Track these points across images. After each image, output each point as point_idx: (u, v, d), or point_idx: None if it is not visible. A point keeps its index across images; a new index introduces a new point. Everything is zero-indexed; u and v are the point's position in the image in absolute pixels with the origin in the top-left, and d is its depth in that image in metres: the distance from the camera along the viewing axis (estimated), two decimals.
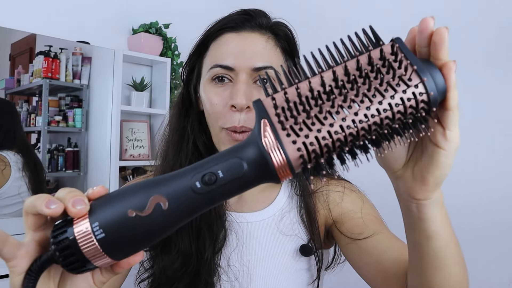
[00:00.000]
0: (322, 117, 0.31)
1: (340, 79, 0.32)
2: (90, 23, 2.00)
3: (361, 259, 0.63)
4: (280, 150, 0.31)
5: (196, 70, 0.69)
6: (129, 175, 2.12)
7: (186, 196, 0.32)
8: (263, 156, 0.31)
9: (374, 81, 0.31)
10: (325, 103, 0.31)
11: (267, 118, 0.32)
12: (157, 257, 0.65)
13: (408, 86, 0.31)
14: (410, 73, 0.31)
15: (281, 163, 0.31)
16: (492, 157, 1.52)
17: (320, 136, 0.30)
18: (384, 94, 0.31)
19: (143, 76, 2.19)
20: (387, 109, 0.31)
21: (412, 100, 0.31)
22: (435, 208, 0.39)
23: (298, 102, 0.31)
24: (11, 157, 1.73)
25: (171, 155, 0.68)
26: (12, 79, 1.81)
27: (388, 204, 1.68)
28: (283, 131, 0.31)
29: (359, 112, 0.31)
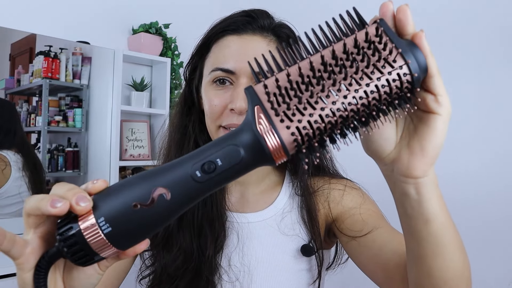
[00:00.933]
0: (314, 102, 0.32)
1: (328, 63, 0.32)
2: (90, 23, 2.00)
3: (361, 254, 0.63)
4: (275, 135, 0.32)
5: (198, 70, 0.69)
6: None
7: (188, 185, 0.33)
8: (258, 141, 0.32)
9: (361, 64, 0.32)
10: (315, 87, 0.32)
11: (260, 105, 0.32)
12: (159, 255, 0.66)
13: (393, 68, 0.32)
14: (395, 55, 0.32)
15: (276, 147, 0.32)
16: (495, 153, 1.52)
17: (313, 120, 0.31)
18: (371, 76, 0.32)
19: (143, 76, 2.19)
20: (374, 91, 0.32)
21: (397, 81, 0.32)
22: (432, 187, 0.39)
23: (289, 87, 0.32)
24: (11, 157, 1.73)
25: (173, 153, 0.69)
26: (12, 79, 1.81)
27: (391, 201, 1.67)
28: (276, 117, 0.32)
29: (348, 96, 0.32)
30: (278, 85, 0.32)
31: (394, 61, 0.32)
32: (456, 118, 1.57)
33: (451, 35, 1.62)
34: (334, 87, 0.32)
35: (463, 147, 1.58)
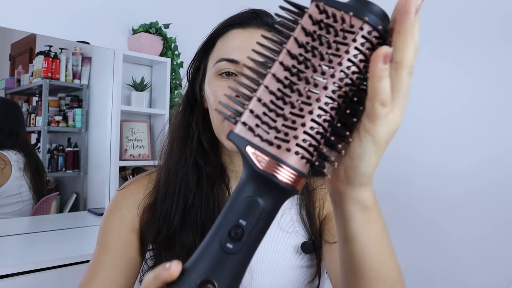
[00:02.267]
0: (298, 110, 0.29)
1: (291, 65, 0.30)
2: (90, 23, 2.00)
3: (326, 258, 0.65)
4: (281, 166, 0.29)
5: (202, 68, 0.70)
6: (129, 175, 2.12)
7: (227, 262, 0.31)
8: (269, 180, 0.30)
9: (322, 48, 0.30)
10: (292, 96, 0.30)
11: (249, 144, 0.30)
12: (160, 254, 0.66)
13: (354, 33, 0.29)
14: (349, 20, 0.30)
15: (290, 176, 0.29)
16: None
17: (308, 128, 0.29)
18: (338, 53, 0.30)
19: (143, 76, 2.19)
20: (350, 66, 0.29)
21: (366, 43, 0.30)
22: (356, 208, 0.35)
23: (267, 111, 0.30)
24: (12, 156, 1.73)
25: (176, 151, 0.69)
26: (12, 79, 1.81)
27: (388, 204, 1.66)
28: (272, 147, 0.30)
29: (328, 85, 0.29)
30: (255, 115, 0.30)
31: (352, 26, 0.29)
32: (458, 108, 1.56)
33: (450, 23, 1.62)
34: (310, 84, 0.30)
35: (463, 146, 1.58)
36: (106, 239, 0.68)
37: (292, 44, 0.31)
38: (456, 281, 1.55)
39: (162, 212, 0.67)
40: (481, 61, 1.55)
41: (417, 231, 1.66)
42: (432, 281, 1.60)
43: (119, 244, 0.68)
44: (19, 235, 1.68)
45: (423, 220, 1.65)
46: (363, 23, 0.29)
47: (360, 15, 0.29)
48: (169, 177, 0.68)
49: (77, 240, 1.72)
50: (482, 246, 1.50)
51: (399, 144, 1.73)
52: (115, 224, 0.69)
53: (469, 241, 1.53)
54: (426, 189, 1.65)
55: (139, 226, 0.69)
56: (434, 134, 1.65)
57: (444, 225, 1.60)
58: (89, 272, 0.66)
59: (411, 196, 1.69)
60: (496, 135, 1.51)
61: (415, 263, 1.65)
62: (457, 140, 1.59)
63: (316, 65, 0.30)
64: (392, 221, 1.54)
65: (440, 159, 1.62)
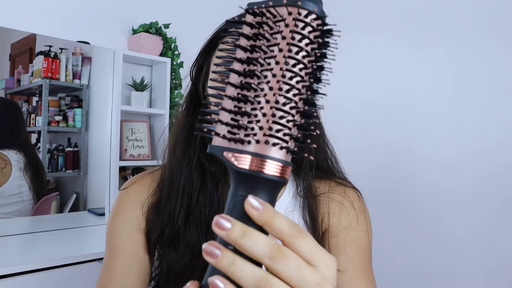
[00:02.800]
0: (257, 104, 0.31)
1: (242, 69, 0.32)
2: (90, 23, 2.00)
3: None
4: (262, 159, 0.30)
5: (205, 68, 0.70)
6: (129, 175, 2.12)
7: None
8: (254, 176, 0.31)
9: (263, 43, 0.32)
10: (248, 95, 0.32)
11: (225, 149, 0.32)
12: (165, 254, 0.66)
13: (285, 19, 0.31)
14: (286, 12, 0.31)
15: (276, 168, 0.31)
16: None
17: (270, 116, 0.31)
18: (277, 42, 0.31)
19: (143, 76, 2.19)
20: (292, 49, 0.31)
21: (300, 23, 0.31)
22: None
23: (233, 115, 0.32)
24: (12, 156, 1.73)
25: (179, 151, 0.69)
26: (12, 79, 1.81)
27: (386, 209, 1.66)
28: (244, 145, 0.31)
29: (275, 72, 0.31)
30: (224, 123, 0.32)
31: (290, 13, 0.31)
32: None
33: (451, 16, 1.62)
34: (260, 78, 0.31)
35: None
36: (115, 242, 0.68)
37: (238, 51, 0.33)
38: (456, 280, 1.55)
39: (166, 211, 0.66)
40: (480, 54, 1.55)
41: (417, 230, 1.66)
42: (432, 280, 1.60)
43: (129, 245, 0.67)
44: (19, 235, 1.68)
45: (423, 219, 1.65)
46: (298, 9, 0.31)
47: (292, 3, 0.31)
48: (173, 176, 0.68)
49: (77, 240, 1.72)
50: (482, 246, 1.50)
51: (397, 138, 1.73)
52: (122, 226, 0.69)
53: (470, 241, 1.53)
54: (426, 186, 1.65)
55: (144, 225, 0.69)
56: (432, 127, 1.66)
57: (444, 224, 1.60)
58: (104, 277, 0.66)
59: (411, 194, 1.69)
60: (495, 128, 1.51)
61: (414, 261, 1.65)
62: (456, 132, 1.59)
63: (261, 60, 0.32)
64: (391, 218, 1.54)
65: (439, 152, 1.62)
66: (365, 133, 1.86)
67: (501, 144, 1.48)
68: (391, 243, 1.65)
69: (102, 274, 0.67)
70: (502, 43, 1.49)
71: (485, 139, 1.52)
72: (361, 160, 1.78)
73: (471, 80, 1.57)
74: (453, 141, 1.60)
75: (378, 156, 1.79)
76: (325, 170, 0.74)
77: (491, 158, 1.50)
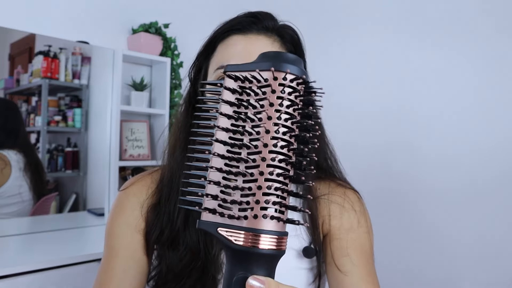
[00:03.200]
0: (249, 176, 0.30)
1: (227, 138, 0.31)
2: (89, 23, 2.00)
3: (329, 279, 0.66)
4: (257, 235, 0.29)
5: (203, 70, 0.70)
6: (128, 175, 2.12)
7: None
8: (252, 253, 0.30)
9: (249, 111, 0.31)
10: (239, 166, 0.30)
11: (219, 226, 0.30)
12: (164, 254, 0.66)
13: (270, 85, 0.30)
14: (271, 77, 0.30)
15: (270, 241, 0.30)
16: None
17: (265, 188, 0.29)
18: (265, 109, 0.30)
19: (143, 76, 2.19)
20: (279, 116, 0.30)
21: (285, 88, 0.30)
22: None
23: (224, 188, 0.31)
24: (12, 156, 1.73)
25: (178, 152, 0.69)
26: (11, 79, 1.80)
27: (386, 211, 1.66)
28: (240, 221, 0.30)
29: (266, 141, 0.30)
30: (213, 196, 0.31)
31: (266, 80, 0.30)
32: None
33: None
34: (251, 148, 0.30)
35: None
36: (114, 243, 0.68)
37: (222, 119, 0.32)
38: (456, 280, 1.54)
39: (166, 212, 0.66)
40: (482, 52, 1.54)
41: (418, 229, 1.66)
42: (431, 280, 1.60)
43: (127, 246, 0.67)
44: (18, 235, 1.68)
45: (423, 219, 1.65)
46: (284, 74, 0.30)
47: (281, 68, 0.30)
48: (172, 177, 0.68)
49: (77, 240, 1.72)
50: (483, 246, 1.50)
51: (398, 138, 1.73)
52: (121, 226, 0.69)
53: (471, 241, 1.53)
54: (427, 184, 1.65)
55: (143, 226, 0.69)
56: (434, 125, 1.65)
57: (444, 223, 1.60)
58: (101, 277, 0.66)
59: (411, 194, 1.69)
60: (497, 128, 1.51)
61: (414, 262, 1.65)
62: (458, 131, 1.59)
63: (249, 129, 0.30)
64: (390, 218, 1.53)
65: (440, 151, 1.62)
66: (365, 132, 1.86)
67: (505, 143, 1.47)
68: (391, 244, 1.65)
69: (99, 275, 0.67)
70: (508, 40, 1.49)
71: (488, 139, 1.52)
72: (360, 160, 1.78)
73: (474, 79, 1.57)
74: (455, 141, 1.60)
75: (377, 156, 1.79)
76: (325, 170, 0.74)
77: (495, 158, 1.50)
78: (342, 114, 1.90)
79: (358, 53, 1.92)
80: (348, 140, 1.74)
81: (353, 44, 1.94)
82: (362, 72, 1.91)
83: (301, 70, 0.31)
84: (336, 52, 2.01)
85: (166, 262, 0.65)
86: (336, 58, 2.00)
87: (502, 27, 1.50)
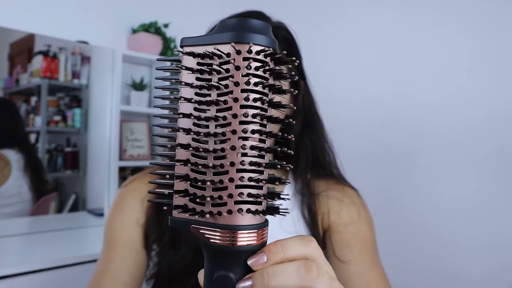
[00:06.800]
0: (220, 168, 0.27)
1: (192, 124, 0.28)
2: (89, 23, 1.99)
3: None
4: (234, 231, 0.27)
5: None
6: (128, 176, 2.12)
7: None
8: (231, 251, 0.27)
9: (213, 92, 0.27)
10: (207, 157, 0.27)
11: (192, 223, 0.28)
12: (165, 254, 0.65)
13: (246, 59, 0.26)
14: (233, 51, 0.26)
15: (249, 237, 0.27)
16: None
17: (238, 180, 0.27)
18: (230, 89, 0.26)
19: (143, 76, 2.18)
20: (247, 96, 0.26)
21: (252, 63, 0.26)
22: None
23: (193, 182, 0.28)
24: (12, 156, 1.73)
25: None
26: (10, 78, 1.80)
27: (386, 210, 1.65)
28: (214, 217, 0.27)
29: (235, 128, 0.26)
30: (183, 192, 0.28)
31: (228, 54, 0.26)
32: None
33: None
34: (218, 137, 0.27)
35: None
36: (113, 236, 0.68)
37: (183, 104, 0.28)
38: (456, 281, 1.54)
39: (165, 213, 0.66)
40: (478, 29, 1.53)
41: (418, 230, 1.66)
42: (431, 281, 1.60)
43: (126, 237, 0.67)
44: (18, 236, 1.67)
45: (422, 220, 1.65)
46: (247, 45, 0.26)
47: (239, 40, 0.26)
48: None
49: (76, 240, 1.71)
50: (483, 246, 1.50)
51: (399, 137, 1.73)
52: (121, 219, 0.69)
53: (471, 241, 1.53)
54: (428, 186, 1.65)
55: (144, 220, 0.69)
56: (436, 126, 1.65)
57: (444, 223, 1.60)
58: (99, 267, 0.66)
59: (410, 195, 1.69)
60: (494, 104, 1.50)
61: (413, 262, 1.64)
62: (459, 132, 1.58)
63: (215, 114, 0.27)
64: (390, 221, 1.51)
65: (441, 151, 1.62)
66: (365, 131, 1.86)
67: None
68: (391, 242, 1.65)
69: (98, 265, 0.67)
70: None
71: (493, 138, 1.52)
72: (359, 158, 1.78)
73: (470, 55, 1.57)
74: (457, 140, 1.60)
75: (376, 155, 1.79)
76: (323, 166, 0.74)
77: (497, 157, 1.50)
78: (340, 112, 1.90)
79: (356, 47, 1.92)
80: (347, 139, 1.74)
81: (350, 39, 1.94)
82: (361, 69, 1.90)
83: (269, 39, 0.27)
84: (335, 47, 2.00)
85: (168, 261, 0.65)
86: (334, 50, 2.00)
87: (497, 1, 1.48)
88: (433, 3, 1.65)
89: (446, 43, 1.62)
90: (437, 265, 1.60)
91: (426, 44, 1.68)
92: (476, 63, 1.55)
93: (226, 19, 0.28)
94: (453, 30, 1.60)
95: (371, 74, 1.86)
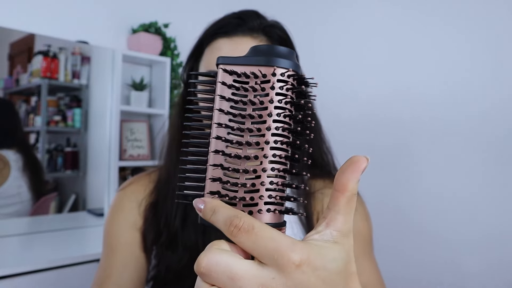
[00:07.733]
0: (252, 173, 0.30)
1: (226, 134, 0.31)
2: (89, 23, 1.99)
3: None
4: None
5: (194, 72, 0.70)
6: (128, 176, 2.12)
7: None
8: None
9: (248, 107, 0.31)
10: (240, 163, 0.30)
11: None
12: (163, 255, 0.65)
13: (270, 81, 0.30)
14: (270, 73, 0.30)
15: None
16: None
17: (268, 184, 0.30)
18: (265, 106, 0.30)
19: (143, 76, 2.18)
20: (280, 112, 0.30)
21: (285, 85, 0.30)
22: None
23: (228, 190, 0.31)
24: (11, 157, 1.73)
25: (174, 153, 0.69)
26: (10, 78, 1.80)
27: (384, 206, 1.65)
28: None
29: (268, 139, 0.30)
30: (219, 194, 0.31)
31: (264, 75, 0.30)
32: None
33: None
34: (251, 146, 0.30)
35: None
36: (112, 241, 0.68)
37: (218, 114, 0.31)
38: (454, 274, 1.54)
39: (163, 213, 0.67)
40: (478, 26, 1.53)
41: (416, 223, 1.66)
42: (429, 275, 1.60)
43: (126, 243, 0.67)
44: (18, 236, 1.67)
45: (423, 220, 1.65)
46: (274, 69, 0.30)
47: (268, 63, 0.30)
48: (169, 177, 0.68)
49: (76, 240, 1.71)
50: (483, 246, 1.50)
51: (398, 137, 1.73)
52: (119, 224, 0.69)
53: (472, 241, 1.53)
54: (427, 186, 1.65)
55: (141, 224, 0.69)
56: (434, 125, 1.65)
57: (442, 218, 1.59)
58: (100, 275, 0.66)
59: (410, 194, 1.68)
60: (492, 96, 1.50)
61: (413, 262, 1.64)
62: (459, 132, 1.58)
63: (249, 126, 0.30)
64: (388, 217, 1.51)
65: (440, 151, 1.62)
66: (364, 130, 1.85)
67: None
68: (389, 238, 1.65)
69: (98, 272, 0.67)
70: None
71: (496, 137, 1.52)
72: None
73: (470, 46, 1.57)
74: (456, 140, 1.60)
75: (374, 152, 1.79)
76: (321, 167, 0.74)
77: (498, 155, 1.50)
78: (339, 112, 1.90)
79: (356, 45, 1.92)
80: (346, 139, 1.73)
81: (350, 39, 1.94)
82: (359, 67, 1.90)
83: (295, 64, 0.31)
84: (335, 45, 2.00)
85: (165, 263, 0.65)
86: (334, 51, 1.99)
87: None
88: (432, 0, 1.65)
89: (446, 42, 1.62)
90: (435, 259, 1.60)
91: (426, 44, 1.68)
92: (476, 60, 1.54)
93: (259, 46, 0.32)
94: (453, 27, 1.60)
95: (369, 72, 1.86)
